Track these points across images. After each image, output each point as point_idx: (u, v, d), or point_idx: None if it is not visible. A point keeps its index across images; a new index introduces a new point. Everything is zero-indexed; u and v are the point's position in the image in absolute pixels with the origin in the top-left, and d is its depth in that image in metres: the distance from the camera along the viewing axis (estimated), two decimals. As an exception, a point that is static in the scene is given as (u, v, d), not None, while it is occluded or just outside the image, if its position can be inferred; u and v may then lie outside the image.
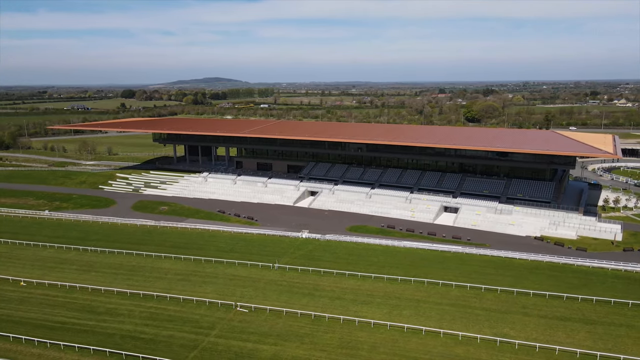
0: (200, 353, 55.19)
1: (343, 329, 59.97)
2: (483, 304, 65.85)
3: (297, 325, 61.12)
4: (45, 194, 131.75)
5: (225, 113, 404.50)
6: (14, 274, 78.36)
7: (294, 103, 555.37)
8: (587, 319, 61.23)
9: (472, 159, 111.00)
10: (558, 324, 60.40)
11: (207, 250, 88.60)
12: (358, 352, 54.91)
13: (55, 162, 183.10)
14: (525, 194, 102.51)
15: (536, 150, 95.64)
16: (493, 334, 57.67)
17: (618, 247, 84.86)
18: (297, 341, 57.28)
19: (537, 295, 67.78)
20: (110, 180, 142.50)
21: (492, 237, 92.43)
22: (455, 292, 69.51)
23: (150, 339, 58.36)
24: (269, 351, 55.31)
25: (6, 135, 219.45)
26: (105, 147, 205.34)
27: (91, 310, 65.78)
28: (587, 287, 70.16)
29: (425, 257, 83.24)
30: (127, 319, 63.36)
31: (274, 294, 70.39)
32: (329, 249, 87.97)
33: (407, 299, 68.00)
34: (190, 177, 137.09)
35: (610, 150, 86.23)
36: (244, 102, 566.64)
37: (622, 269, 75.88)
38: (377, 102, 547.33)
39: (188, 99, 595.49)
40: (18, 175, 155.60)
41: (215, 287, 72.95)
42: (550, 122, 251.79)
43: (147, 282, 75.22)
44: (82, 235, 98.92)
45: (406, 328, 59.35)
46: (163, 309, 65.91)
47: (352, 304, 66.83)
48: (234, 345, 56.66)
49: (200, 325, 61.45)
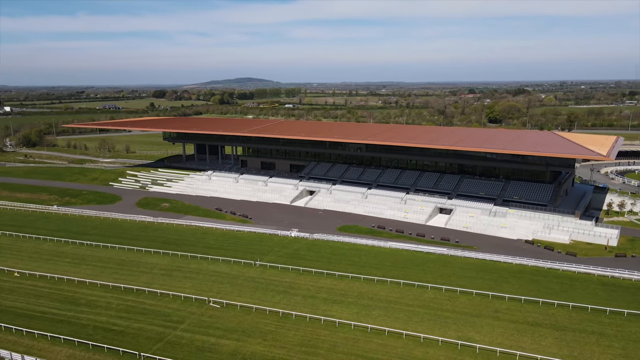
0: (163, 346, 56.69)
1: (307, 327, 60.37)
2: (455, 307, 64.97)
3: (264, 322, 61.90)
4: (58, 190, 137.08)
5: (247, 112, 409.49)
6: (11, 265, 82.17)
7: (318, 103, 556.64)
8: (558, 325, 59.60)
9: (471, 160, 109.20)
10: (527, 329, 59.06)
11: (197, 246, 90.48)
12: (317, 351, 55.25)
13: (75, 159, 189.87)
14: (522, 197, 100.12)
15: (519, 151, 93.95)
16: (457, 337, 56.92)
17: (610, 253, 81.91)
18: (259, 338, 58.07)
19: (512, 299, 66.35)
20: (120, 177, 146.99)
21: (482, 240, 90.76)
22: (430, 294, 68.78)
23: (121, 330, 60.29)
24: (230, 346, 56.32)
25: (33, 133, 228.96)
26: (123, 145, 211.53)
27: (72, 302, 68.39)
28: (567, 293, 68.15)
29: (409, 259, 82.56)
30: (104, 310, 65.59)
31: (249, 290, 71.39)
32: (314, 248, 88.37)
33: (380, 299, 67.77)
34: (195, 175, 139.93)
35: (603, 152, 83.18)
36: (269, 102, 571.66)
37: (609, 275, 73.29)
38: (401, 102, 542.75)
39: (215, 99, 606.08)
40: (37, 172, 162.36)
41: (195, 282, 74.54)
42: (573, 123, 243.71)
43: (132, 276, 77.53)
44: (83, 229, 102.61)
45: (370, 328, 59.26)
46: (140, 302, 67.87)
47: (323, 302, 67.11)
48: (198, 339, 57.93)
49: (171, 319, 63.03)
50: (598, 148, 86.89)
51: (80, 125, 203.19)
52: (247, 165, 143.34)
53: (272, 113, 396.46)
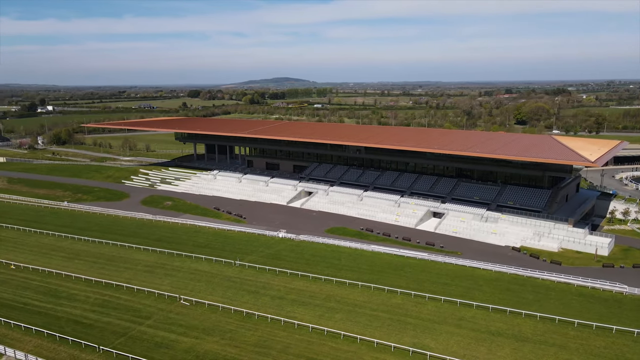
0: (125, 340, 58.92)
1: (267, 327, 61.27)
2: (420, 313, 64.32)
3: (227, 321, 63.25)
4: (73, 186, 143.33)
5: (274, 112, 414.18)
6: (11, 258, 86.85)
7: (347, 103, 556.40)
8: (520, 336, 58.08)
9: (469, 164, 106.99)
10: (487, 338, 57.88)
11: (186, 245, 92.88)
12: (269, 351, 56.09)
13: (97, 157, 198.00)
14: (517, 202, 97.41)
15: (498, 155, 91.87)
16: (411, 344, 56.45)
17: (598, 263, 78.70)
18: (218, 336, 59.42)
19: (480, 307, 65.05)
20: (132, 175, 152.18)
21: (469, 246, 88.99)
22: (397, 300, 68.29)
23: (90, 324, 62.99)
24: (187, 344, 57.91)
25: (63, 132, 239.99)
26: (144, 144, 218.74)
27: (54, 294, 71.84)
28: (539, 303, 66.16)
29: (388, 263, 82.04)
30: (80, 304, 68.63)
31: (222, 289, 72.93)
32: (297, 250, 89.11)
33: (346, 302, 67.86)
34: (202, 174, 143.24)
35: (591, 158, 79.68)
36: (298, 102, 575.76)
37: (589, 286, 70.56)
38: (432, 102, 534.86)
39: (246, 99, 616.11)
40: (59, 169, 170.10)
41: (173, 280, 76.76)
42: (602, 125, 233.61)
43: (117, 271, 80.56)
44: (85, 225, 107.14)
45: (326, 331, 59.56)
46: (116, 298, 70.59)
47: (290, 304, 67.82)
48: (159, 335, 59.84)
49: (140, 314, 65.29)
50: (589, 154, 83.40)
51: (94, 125, 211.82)
52: (253, 165, 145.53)
53: (298, 113, 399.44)
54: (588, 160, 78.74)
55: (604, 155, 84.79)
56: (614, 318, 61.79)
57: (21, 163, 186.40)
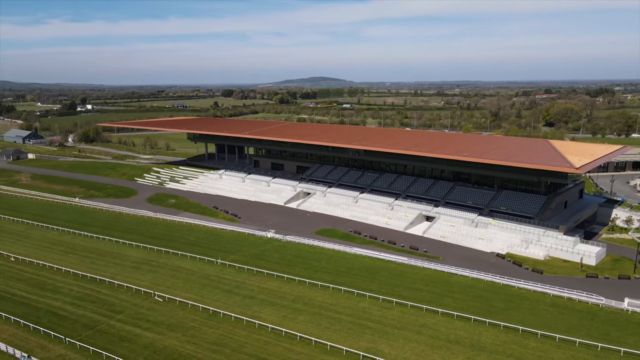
0: (93, 333, 61.53)
1: (229, 326, 62.56)
2: (383, 318, 63.99)
3: (192, 318, 64.95)
4: (87, 183, 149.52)
5: (300, 112, 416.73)
6: (13, 250, 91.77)
7: (376, 103, 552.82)
8: (478, 345, 56.99)
9: (467, 168, 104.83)
10: (443, 346, 57.11)
11: (176, 242, 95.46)
12: (223, 349, 57.36)
13: (118, 155, 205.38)
14: (510, 207, 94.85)
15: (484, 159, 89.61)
16: (365, 349, 56.41)
17: (584, 272, 75.73)
18: (180, 333, 61.18)
19: (445, 314, 64.11)
20: (145, 173, 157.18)
21: (453, 251, 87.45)
22: (365, 304, 68.12)
23: (65, 316, 66.09)
24: (149, 338, 59.91)
25: (91, 130, 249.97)
26: (165, 143, 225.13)
27: (41, 287, 75.61)
28: (507, 312, 64.54)
29: (366, 266, 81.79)
30: (62, 297, 72.00)
31: (198, 287, 74.77)
32: (281, 250, 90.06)
33: (313, 304, 68.29)
34: (209, 173, 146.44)
35: (577, 164, 76.50)
36: (327, 102, 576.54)
37: (565, 296, 68.11)
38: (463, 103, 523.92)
39: (277, 98, 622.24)
40: (80, 166, 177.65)
41: (155, 276, 79.24)
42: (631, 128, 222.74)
43: (106, 266, 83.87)
44: (89, 221, 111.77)
45: (284, 332, 60.29)
46: (97, 292, 73.60)
47: (258, 303, 68.87)
48: (125, 329, 62.14)
49: (114, 308, 67.92)
50: (578, 159, 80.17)
51: (108, 124, 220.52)
52: (259, 165, 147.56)
53: (323, 113, 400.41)
54: (572, 166, 75.85)
55: (593, 161, 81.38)
56: (582, 330, 59.64)
57: (47, 160, 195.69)
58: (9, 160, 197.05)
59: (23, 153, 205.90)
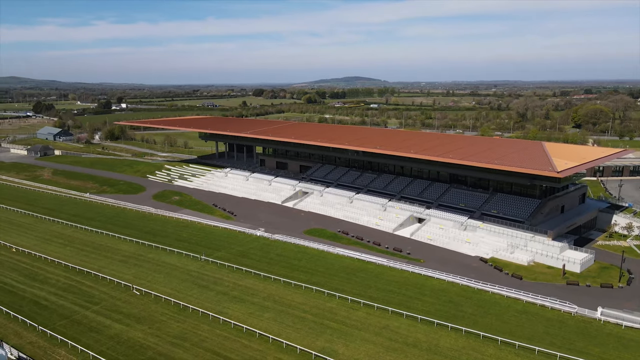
0: (66, 322, 64.33)
1: (194, 321, 64.08)
2: (347, 319, 64.03)
3: (163, 312, 66.87)
4: (102, 179, 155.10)
5: (325, 112, 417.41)
6: (17, 242, 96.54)
7: (404, 103, 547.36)
8: (435, 349, 56.27)
9: (462, 170, 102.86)
10: (399, 348, 56.72)
11: (169, 238, 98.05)
12: (183, 343, 58.88)
13: (138, 152, 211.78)
14: (501, 211, 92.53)
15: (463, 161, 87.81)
16: (319, 349, 56.73)
17: (565, 280, 73.15)
18: (146, 325, 63.14)
19: (410, 317, 63.52)
20: (157, 170, 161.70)
21: (437, 254, 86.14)
22: (332, 304, 68.28)
23: (45, 305, 69.29)
24: (117, 330, 62.13)
25: (116, 129, 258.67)
26: (183, 141, 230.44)
27: (32, 277, 79.44)
28: (473, 318, 63.31)
29: (345, 266, 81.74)
30: (48, 287, 75.45)
31: (177, 282, 76.75)
32: (265, 249, 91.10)
33: (282, 303, 68.97)
34: (216, 172, 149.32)
35: (558, 169, 73.68)
36: (355, 102, 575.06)
37: (538, 303, 66.09)
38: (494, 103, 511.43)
39: (305, 98, 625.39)
40: (99, 162, 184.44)
41: (139, 270, 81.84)
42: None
43: (96, 259, 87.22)
44: (94, 216, 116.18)
45: (245, 329, 61.29)
46: (81, 283, 76.75)
47: (229, 300, 70.14)
48: (96, 320, 64.64)
49: (92, 300, 70.70)
50: (564, 163, 77.30)
51: (124, 123, 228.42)
52: (265, 164, 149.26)
53: (347, 113, 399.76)
54: (554, 170, 73.31)
55: (578, 165, 78.29)
56: (546, 339, 57.90)
57: (71, 156, 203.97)
58: (37, 156, 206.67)
59: (50, 149, 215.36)
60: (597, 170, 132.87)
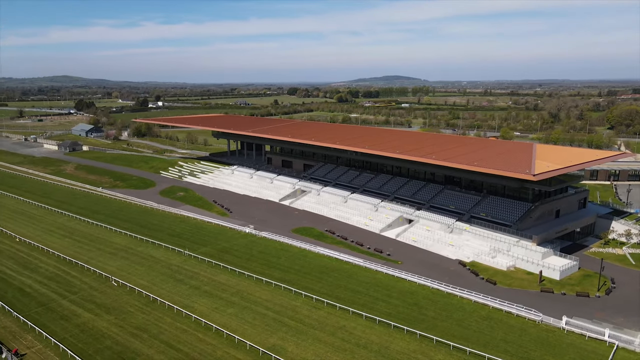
0: (41, 309, 67.58)
1: (159, 313, 65.92)
2: (307, 318, 64.24)
3: (132, 303, 69.11)
4: (118, 174, 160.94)
5: (352, 111, 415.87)
6: (22, 232, 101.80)
7: (436, 103, 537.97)
8: (385, 352, 55.67)
9: (457, 172, 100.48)
10: (349, 349, 56.53)
11: (162, 232, 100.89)
12: (142, 334, 60.78)
13: (159, 149, 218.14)
14: (490, 214, 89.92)
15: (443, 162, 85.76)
16: (269, 346, 57.30)
17: (540, 287, 70.37)
18: (114, 316, 65.49)
19: (369, 319, 62.99)
20: (170, 167, 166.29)
21: (417, 256, 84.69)
22: (297, 302, 68.61)
23: (28, 293, 72.98)
24: (85, 319, 64.78)
25: (143, 126, 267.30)
26: (203, 138, 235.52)
27: (25, 265, 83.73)
28: (433, 321, 62.11)
29: (321, 265, 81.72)
30: (36, 275, 79.34)
31: (155, 275, 79.02)
32: (250, 245, 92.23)
33: (248, 299, 69.88)
34: (224, 169, 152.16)
35: (533, 172, 70.54)
36: (385, 101, 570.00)
37: (504, 309, 63.98)
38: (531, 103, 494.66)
39: (337, 97, 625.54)
40: (120, 158, 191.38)
41: (124, 262, 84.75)
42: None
43: (88, 250, 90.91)
44: (100, 209, 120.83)
45: (204, 323, 62.56)
46: (67, 273, 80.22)
47: (199, 294, 71.63)
48: (69, 309, 67.54)
49: (72, 289, 73.86)
50: (546, 165, 74.17)
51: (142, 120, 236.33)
52: (272, 162, 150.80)
53: (374, 112, 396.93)
54: (530, 173, 70.55)
55: (559, 169, 74.91)
56: (502, 346, 56.17)
57: (97, 152, 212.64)
58: (66, 151, 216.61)
59: (79, 145, 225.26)
60: (611, 174, 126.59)
